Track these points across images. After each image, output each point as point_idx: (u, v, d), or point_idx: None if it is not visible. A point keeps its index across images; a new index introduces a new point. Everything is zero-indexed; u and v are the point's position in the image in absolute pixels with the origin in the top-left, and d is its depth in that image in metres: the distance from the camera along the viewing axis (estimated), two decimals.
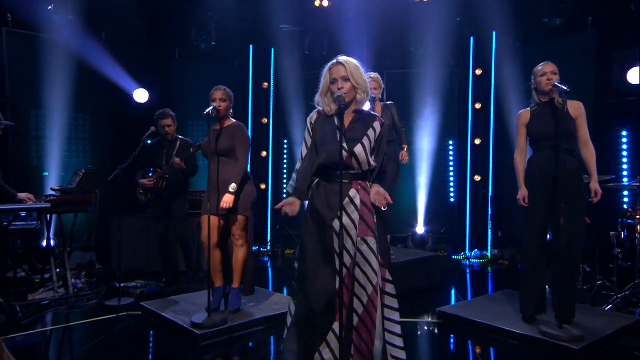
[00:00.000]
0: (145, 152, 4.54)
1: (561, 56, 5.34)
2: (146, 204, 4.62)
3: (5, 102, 5.27)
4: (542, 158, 3.35)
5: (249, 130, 6.67)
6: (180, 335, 3.41)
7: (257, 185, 6.64)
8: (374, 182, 2.48)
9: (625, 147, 5.31)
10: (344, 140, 2.35)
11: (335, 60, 2.43)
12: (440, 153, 6.75)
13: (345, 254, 2.31)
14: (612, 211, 5.03)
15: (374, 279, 2.32)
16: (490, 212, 6.34)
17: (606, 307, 3.89)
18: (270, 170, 7.09)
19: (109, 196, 5.28)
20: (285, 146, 7.28)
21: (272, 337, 3.45)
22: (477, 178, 6.51)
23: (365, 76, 2.44)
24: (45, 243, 4.72)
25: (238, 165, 3.55)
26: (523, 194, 3.41)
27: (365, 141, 2.39)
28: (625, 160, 5.29)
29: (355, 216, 2.36)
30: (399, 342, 2.38)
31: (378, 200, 2.40)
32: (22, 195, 4.13)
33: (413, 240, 6.61)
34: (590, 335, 3.15)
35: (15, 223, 4.15)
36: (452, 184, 6.89)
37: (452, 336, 3.53)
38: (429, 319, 3.88)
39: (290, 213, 2.43)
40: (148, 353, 3.26)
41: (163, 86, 6.45)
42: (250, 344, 3.35)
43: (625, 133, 5.30)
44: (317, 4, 6.46)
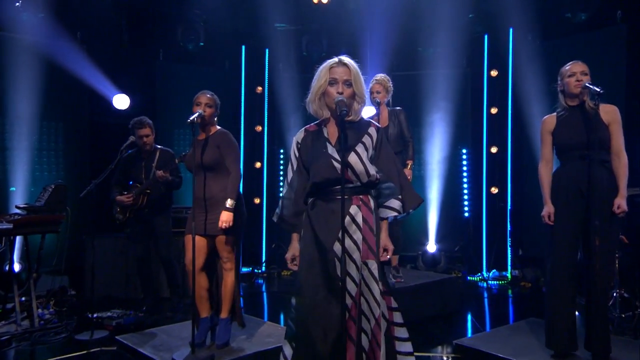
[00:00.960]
0: (122, 165, 4.49)
1: (587, 54, 5.23)
2: (124, 222, 4.56)
3: None
4: (571, 170, 3.22)
5: (241, 139, 6.80)
6: None
7: (251, 199, 6.94)
8: (385, 199, 2.39)
9: None
10: (335, 151, 2.31)
11: (337, 59, 2.35)
12: (452, 163, 6.68)
13: (349, 281, 2.23)
14: None
15: (376, 310, 2.24)
16: (509, 228, 6.25)
17: None
18: (265, 183, 7.05)
19: (81, 214, 5.22)
20: (282, 156, 7.24)
21: None
22: (494, 190, 6.42)
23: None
24: (8, 268, 4.56)
25: (232, 177, 3.48)
26: (548, 211, 3.26)
27: (359, 149, 2.32)
28: None
29: (358, 236, 2.28)
30: None
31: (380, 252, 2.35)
32: None
33: (423, 259, 6.52)
34: None
35: None
36: (466, 197, 6.80)
37: None
38: (445, 353, 3.75)
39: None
40: None
41: (146, 91, 6.38)
42: None
43: None
44: (316, 0, 6.43)
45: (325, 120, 2.43)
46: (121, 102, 5.93)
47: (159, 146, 4.61)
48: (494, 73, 6.41)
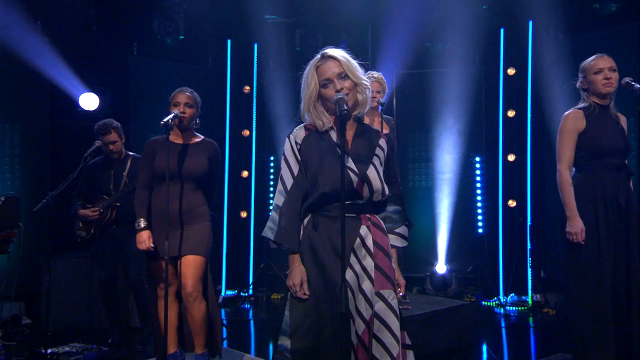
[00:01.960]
0: (86, 174, 4.42)
1: (618, 50, 5.07)
2: (88, 240, 4.45)
3: None
4: (604, 180, 3.16)
5: (226, 145, 6.73)
6: None
7: (236, 212, 6.88)
8: (394, 224, 2.39)
9: None
10: (350, 159, 2.22)
11: (320, 55, 2.27)
12: (464, 172, 6.61)
13: (357, 317, 2.14)
14: None
15: (395, 349, 2.11)
16: (529, 246, 6.11)
17: None
18: (253, 194, 6.92)
19: (37, 231, 5.12)
20: (272, 164, 7.14)
21: None
22: (512, 203, 6.32)
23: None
24: None
25: (215, 195, 3.66)
26: (580, 227, 3.11)
27: (376, 162, 2.27)
28: None
29: (369, 263, 2.18)
30: None
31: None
32: None
33: (432, 282, 6.40)
34: None
35: None
36: (479, 211, 6.71)
37: None
38: None
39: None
40: None
41: (117, 90, 6.29)
42: None
43: None
44: None
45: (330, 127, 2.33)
46: (89, 102, 5.82)
47: (131, 153, 4.53)
48: (511, 71, 6.32)
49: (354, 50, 2.37)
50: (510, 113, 6.33)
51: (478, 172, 6.71)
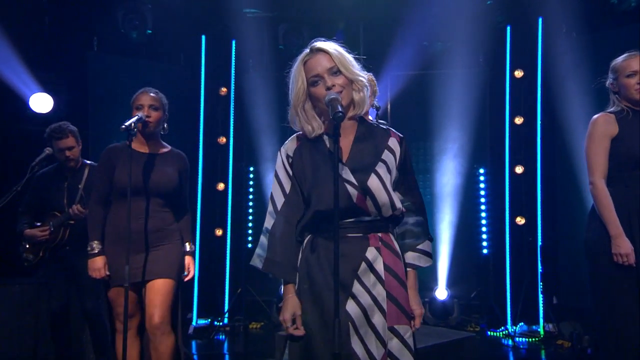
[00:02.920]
0: (34, 186, 4.29)
1: (638, 49, 5.09)
2: (36, 264, 4.32)
3: None
4: None
5: (200, 153, 6.67)
6: None
7: (211, 230, 6.77)
8: (415, 240, 2.27)
9: None
10: (347, 169, 2.14)
11: (308, 49, 2.20)
12: (466, 186, 6.60)
13: (368, 358, 2.04)
14: None
15: None
16: (540, 269, 6.10)
17: None
18: (230, 210, 6.82)
19: None
20: (251, 175, 7.12)
21: None
22: (520, 221, 6.30)
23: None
24: None
25: (188, 215, 3.62)
26: (629, 247, 2.97)
27: (380, 169, 2.16)
28: None
29: (380, 292, 2.09)
30: None
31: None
32: None
33: (432, 308, 6.37)
34: None
35: None
36: (484, 229, 6.72)
37: None
38: None
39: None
40: None
41: (74, 90, 6.24)
42: None
43: None
44: None
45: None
46: (41, 103, 5.78)
47: (89, 162, 4.39)
48: (518, 74, 6.33)
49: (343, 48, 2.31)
50: (518, 120, 6.34)
51: (482, 185, 6.72)
